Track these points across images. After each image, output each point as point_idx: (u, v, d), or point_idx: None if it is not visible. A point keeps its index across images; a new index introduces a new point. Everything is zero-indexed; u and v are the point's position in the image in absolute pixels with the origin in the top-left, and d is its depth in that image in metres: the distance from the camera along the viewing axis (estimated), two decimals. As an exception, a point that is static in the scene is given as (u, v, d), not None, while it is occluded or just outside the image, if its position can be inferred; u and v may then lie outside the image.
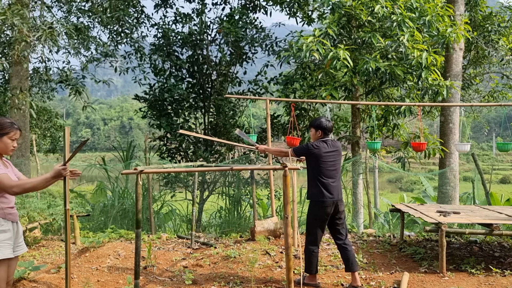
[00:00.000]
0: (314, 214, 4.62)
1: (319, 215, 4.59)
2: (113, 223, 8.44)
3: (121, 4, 10.41)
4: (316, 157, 4.59)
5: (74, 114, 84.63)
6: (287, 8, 11.16)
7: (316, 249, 4.65)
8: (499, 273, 5.01)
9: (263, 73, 11.42)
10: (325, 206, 4.55)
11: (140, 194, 3.94)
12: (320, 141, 4.70)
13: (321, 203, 4.56)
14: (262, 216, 10.30)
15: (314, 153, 4.59)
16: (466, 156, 41.10)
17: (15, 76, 9.78)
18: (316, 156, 4.58)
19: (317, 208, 4.59)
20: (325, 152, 4.61)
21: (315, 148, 4.60)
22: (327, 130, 4.72)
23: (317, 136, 4.74)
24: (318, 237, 4.64)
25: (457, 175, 9.87)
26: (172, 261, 5.71)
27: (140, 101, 11.26)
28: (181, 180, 10.56)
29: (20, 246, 3.34)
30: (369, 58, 7.94)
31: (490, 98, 12.45)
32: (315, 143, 4.65)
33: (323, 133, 4.71)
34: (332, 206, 4.58)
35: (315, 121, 4.81)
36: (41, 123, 14.62)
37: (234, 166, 4.52)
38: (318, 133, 4.72)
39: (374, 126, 7.72)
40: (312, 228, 4.63)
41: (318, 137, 4.73)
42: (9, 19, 7.52)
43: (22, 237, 3.39)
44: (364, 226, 9.42)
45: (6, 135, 3.21)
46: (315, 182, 4.60)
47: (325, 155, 4.60)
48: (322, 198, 4.55)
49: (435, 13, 8.36)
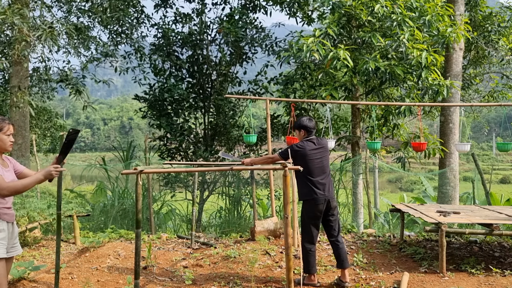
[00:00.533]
0: (307, 213, 4.64)
1: (312, 214, 4.62)
2: (113, 223, 8.44)
3: (121, 4, 10.41)
4: (302, 157, 4.61)
5: (74, 114, 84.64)
6: (287, 8, 11.16)
7: (313, 247, 4.67)
8: (499, 273, 5.01)
9: (263, 73, 11.42)
10: (317, 204, 4.59)
11: (140, 194, 3.94)
12: (305, 140, 4.73)
13: (312, 201, 4.59)
14: (262, 216, 10.29)
15: (299, 153, 4.61)
16: (466, 156, 41.11)
17: (15, 76, 9.78)
18: (302, 155, 4.61)
19: (309, 207, 4.62)
20: (311, 150, 4.63)
21: (300, 148, 4.63)
22: (310, 128, 4.74)
23: (301, 136, 4.78)
24: (313, 235, 4.66)
25: (457, 175, 9.87)
26: (172, 261, 5.71)
27: (140, 101, 11.26)
28: (181, 180, 10.57)
29: (15, 247, 3.29)
30: (369, 58, 7.93)
31: (490, 98, 12.45)
32: (299, 143, 4.69)
33: (307, 132, 4.74)
34: (324, 203, 4.61)
35: (297, 121, 4.86)
36: (41, 123, 14.63)
37: (234, 166, 4.53)
38: (302, 133, 4.76)
39: (374, 126, 7.72)
40: (307, 228, 4.66)
41: (302, 137, 4.77)
42: (9, 18, 7.51)
43: (17, 239, 3.34)
44: (364, 226, 9.42)
45: (1, 132, 3.20)
46: (304, 181, 4.62)
47: (311, 153, 4.62)
48: (313, 196, 4.58)
49: (435, 13, 8.35)
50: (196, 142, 11.43)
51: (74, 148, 33.07)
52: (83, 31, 9.57)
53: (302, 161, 4.59)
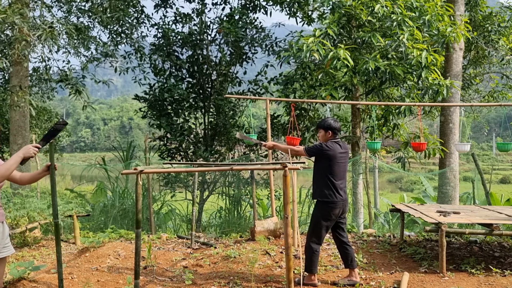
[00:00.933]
0: (322, 214, 4.61)
1: (328, 216, 4.60)
2: (113, 223, 8.45)
3: (121, 4, 10.41)
4: (330, 158, 4.57)
5: (74, 114, 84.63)
6: (287, 8, 11.15)
7: (318, 248, 4.68)
8: (499, 273, 5.01)
9: (263, 73, 11.42)
10: (335, 207, 4.58)
11: (140, 194, 3.94)
12: (333, 142, 4.67)
13: (331, 204, 4.57)
14: (262, 216, 10.30)
15: (328, 154, 4.57)
16: (466, 156, 41.11)
17: (15, 76, 9.79)
18: (330, 157, 4.57)
19: (327, 209, 4.59)
20: (339, 153, 4.61)
21: (329, 149, 4.57)
22: (337, 130, 4.72)
23: (327, 137, 4.72)
24: (322, 237, 4.65)
25: (457, 175, 9.87)
26: (172, 261, 5.71)
27: (140, 101, 11.26)
28: (181, 180, 10.57)
29: (7, 247, 3.23)
30: (369, 57, 7.93)
31: (490, 98, 12.45)
32: (329, 144, 4.62)
33: (333, 133, 4.70)
34: (341, 208, 4.63)
35: (324, 122, 4.78)
36: (41, 123, 14.63)
37: (234, 166, 4.52)
38: (328, 134, 4.71)
39: (374, 126, 7.72)
40: (318, 228, 4.63)
41: (328, 138, 4.71)
42: (10, 17, 7.51)
43: (9, 239, 3.27)
44: (364, 226, 9.42)
45: None
46: (326, 182, 4.58)
47: (339, 156, 4.60)
48: (333, 199, 4.56)
49: (435, 13, 8.35)
50: (196, 142, 11.43)
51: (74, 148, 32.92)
52: (83, 31, 9.57)
53: (328, 162, 4.56)
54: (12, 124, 11.04)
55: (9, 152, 12.07)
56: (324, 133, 4.75)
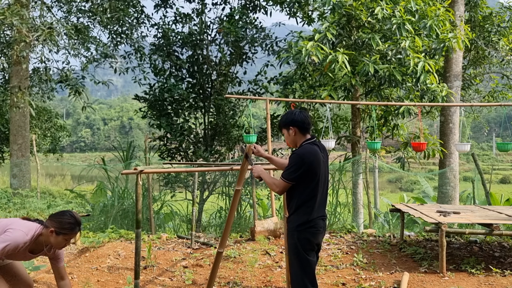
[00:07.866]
0: (303, 245, 3.26)
1: (310, 245, 3.29)
2: (113, 223, 8.44)
3: (121, 4, 10.41)
4: (313, 173, 3.22)
5: (74, 114, 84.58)
6: (287, 8, 11.16)
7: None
8: (499, 273, 5.01)
9: (263, 73, 11.43)
10: (318, 233, 3.31)
11: (140, 194, 3.94)
12: (307, 144, 3.31)
13: (313, 229, 3.28)
14: (262, 216, 10.29)
15: (311, 169, 3.20)
16: (466, 156, 41.09)
17: (15, 76, 9.79)
18: (313, 171, 3.21)
19: (307, 236, 3.26)
20: (322, 162, 3.30)
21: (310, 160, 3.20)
22: (305, 124, 3.34)
23: (295, 138, 3.37)
24: (312, 269, 3.30)
25: (457, 175, 9.87)
26: (172, 261, 5.71)
27: (140, 101, 11.27)
28: (181, 180, 10.56)
29: None
30: (369, 60, 7.93)
31: (490, 98, 12.46)
32: (306, 153, 3.23)
33: (300, 129, 3.36)
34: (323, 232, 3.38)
35: (284, 118, 3.42)
36: (41, 123, 14.65)
37: (234, 166, 4.52)
38: (292, 131, 3.38)
39: (374, 126, 7.72)
40: (304, 264, 3.26)
41: (301, 139, 3.36)
42: (8, 18, 7.51)
43: None
44: (364, 226, 9.42)
45: (62, 235, 3.09)
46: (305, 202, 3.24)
47: (322, 166, 3.28)
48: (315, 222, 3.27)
49: (436, 17, 8.31)
50: (196, 142, 11.44)
51: (74, 148, 33.24)
52: (83, 31, 9.58)
53: (311, 177, 3.22)
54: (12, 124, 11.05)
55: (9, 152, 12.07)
56: (287, 132, 3.40)
